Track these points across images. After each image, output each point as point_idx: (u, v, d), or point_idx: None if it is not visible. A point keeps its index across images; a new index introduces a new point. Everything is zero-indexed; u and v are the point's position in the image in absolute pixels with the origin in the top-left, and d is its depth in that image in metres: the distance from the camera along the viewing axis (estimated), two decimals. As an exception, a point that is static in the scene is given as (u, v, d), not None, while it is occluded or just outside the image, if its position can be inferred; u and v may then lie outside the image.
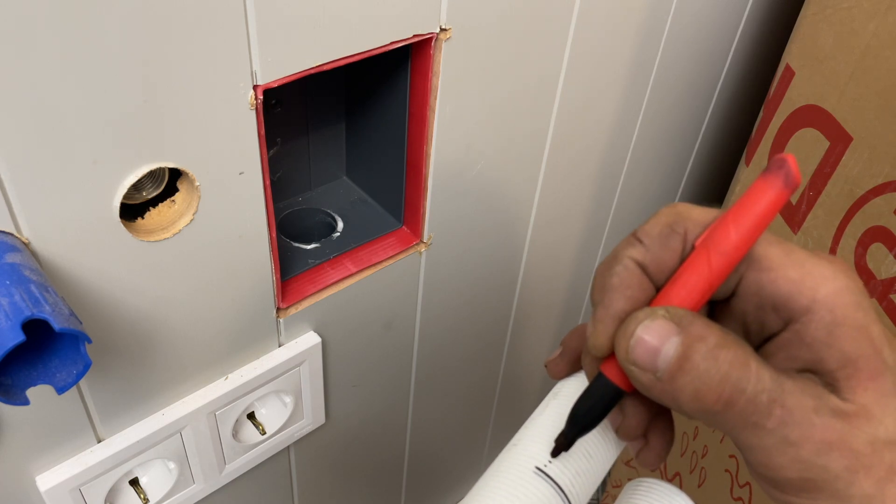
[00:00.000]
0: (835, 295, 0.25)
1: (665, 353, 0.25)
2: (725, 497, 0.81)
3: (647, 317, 0.25)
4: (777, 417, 0.24)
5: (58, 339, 0.37)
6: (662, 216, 0.28)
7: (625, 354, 0.26)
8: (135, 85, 0.38)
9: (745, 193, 0.26)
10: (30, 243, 0.40)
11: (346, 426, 0.72)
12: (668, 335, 0.25)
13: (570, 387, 0.31)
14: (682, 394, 0.25)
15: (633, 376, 0.26)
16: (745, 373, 0.24)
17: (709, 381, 0.24)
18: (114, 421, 0.51)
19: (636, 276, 0.27)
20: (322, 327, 0.60)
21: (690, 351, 0.24)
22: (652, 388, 0.25)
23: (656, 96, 0.76)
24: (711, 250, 0.26)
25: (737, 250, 0.26)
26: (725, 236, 0.26)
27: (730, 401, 0.24)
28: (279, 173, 0.62)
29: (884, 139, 0.60)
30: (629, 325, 0.26)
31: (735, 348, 0.25)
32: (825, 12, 0.66)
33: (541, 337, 0.93)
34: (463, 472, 1.03)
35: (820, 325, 0.25)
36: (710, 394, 0.24)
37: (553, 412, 0.30)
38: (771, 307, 0.26)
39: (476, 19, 0.52)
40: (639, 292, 0.27)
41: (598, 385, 0.28)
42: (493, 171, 0.64)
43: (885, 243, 0.61)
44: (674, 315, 0.25)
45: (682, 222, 0.27)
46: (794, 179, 0.25)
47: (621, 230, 0.89)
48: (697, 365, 0.24)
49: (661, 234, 0.27)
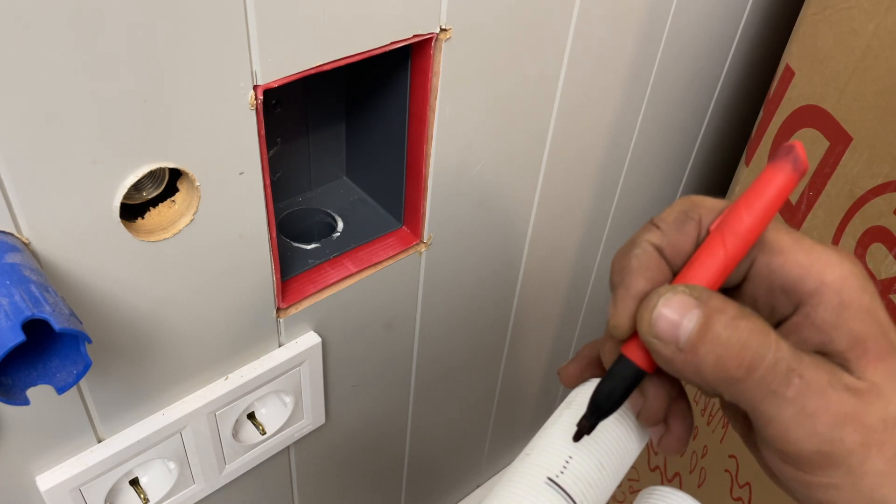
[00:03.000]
0: (842, 279, 0.26)
1: (686, 324, 0.26)
2: (725, 497, 0.81)
3: (668, 291, 0.26)
4: (796, 387, 0.25)
5: (58, 339, 0.37)
6: (677, 204, 0.29)
7: (647, 328, 0.27)
8: (135, 85, 0.38)
9: (756, 180, 0.27)
10: (30, 243, 0.40)
11: (346, 426, 0.72)
12: (688, 308, 0.26)
13: (583, 396, 0.31)
14: (705, 362, 0.26)
15: (654, 349, 0.27)
16: (765, 339, 0.25)
17: (730, 349, 0.25)
18: (114, 421, 0.51)
19: (654, 258, 0.28)
20: (322, 327, 0.60)
21: (711, 321, 0.25)
22: (674, 360, 0.26)
23: (656, 96, 0.76)
24: (726, 233, 0.27)
25: (750, 232, 0.27)
26: (739, 220, 0.27)
27: (751, 366, 0.25)
28: (279, 173, 0.62)
29: (884, 139, 0.61)
30: (651, 299, 0.27)
31: (754, 318, 0.26)
32: (825, 12, 0.66)
33: (541, 336, 0.93)
34: (463, 472, 1.03)
35: (829, 307, 0.26)
36: (732, 360, 0.25)
37: (566, 422, 0.30)
38: (781, 290, 0.28)
39: (476, 19, 0.52)
40: (657, 274, 0.28)
41: (619, 366, 0.29)
42: (493, 170, 0.64)
43: (885, 243, 0.61)
44: (693, 290, 0.26)
45: (697, 209, 0.29)
46: (803, 164, 0.27)
47: (621, 230, 0.89)
48: (719, 333, 0.25)
49: (676, 220, 0.29)
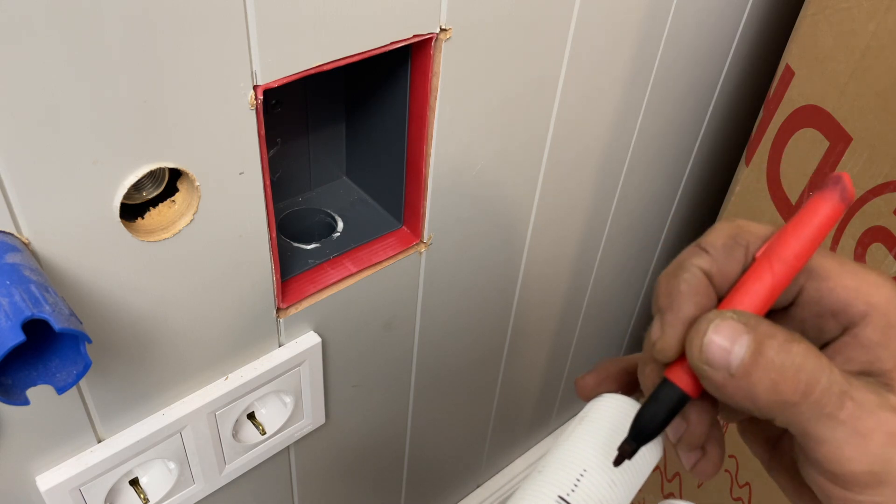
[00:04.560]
0: (887, 300, 0.27)
1: (737, 350, 0.26)
2: (725, 497, 0.81)
3: (717, 317, 0.27)
4: (849, 409, 0.25)
5: (58, 339, 0.37)
6: (725, 229, 0.29)
7: (698, 354, 0.27)
8: (135, 85, 0.38)
9: (803, 208, 0.28)
10: (30, 243, 0.40)
11: (346, 426, 0.72)
12: (738, 334, 0.26)
13: (595, 411, 0.31)
14: (759, 387, 0.26)
15: (705, 375, 0.27)
16: (818, 363, 0.26)
17: (785, 373, 0.25)
18: (114, 421, 0.51)
19: (703, 284, 0.28)
20: (322, 327, 0.60)
21: (763, 346, 0.26)
22: (725, 386, 0.26)
23: (656, 96, 0.76)
24: (774, 260, 0.28)
25: (797, 259, 0.27)
26: (786, 247, 0.28)
27: (806, 391, 0.25)
28: (279, 173, 0.62)
29: (884, 139, 0.61)
30: (700, 325, 0.27)
31: (804, 342, 0.26)
32: (825, 12, 0.66)
33: (541, 336, 0.93)
34: (463, 472, 1.03)
35: (876, 328, 0.27)
36: (788, 384, 0.25)
37: (578, 438, 0.30)
38: (830, 314, 0.28)
39: (476, 19, 0.52)
40: (705, 300, 0.28)
41: (663, 390, 0.29)
42: (493, 170, 0.64)
43: (885, 243, 0.61)
44: (741, 316, 0.27)
45: (744, 235, 0.29)
46: (850, 194, 0.27)
47: (621, 230, 0.89)
48: (772, 358, 0.26)
49: (725, 245, 0.29)
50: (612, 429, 0.30)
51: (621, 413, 0.30)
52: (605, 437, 0.30)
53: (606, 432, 0.30)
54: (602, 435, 0.30)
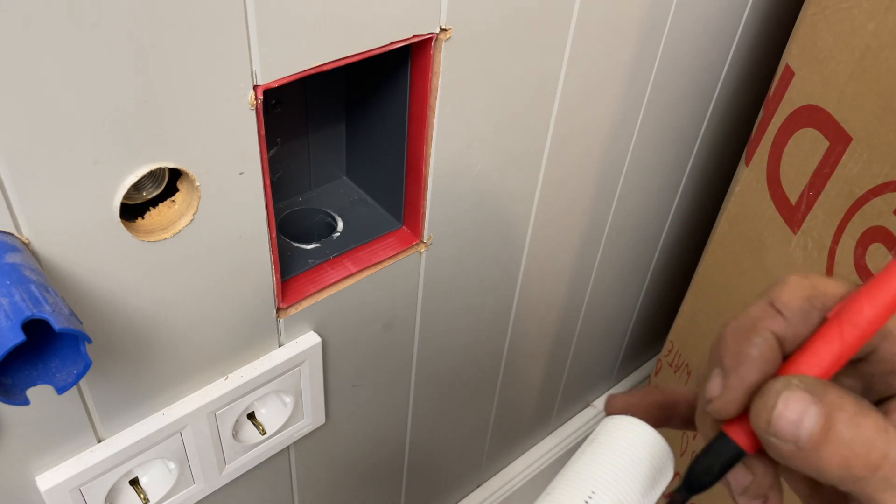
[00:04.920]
0: None
1: (807, 423, 0.25)
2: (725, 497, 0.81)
3: (785, 388, 0.26)
4: None
5: (58, 339, 0.37)
6: (800, 288, 0.28)
7: (766, 426, 0.26)
8: (135, 85, 0.38)
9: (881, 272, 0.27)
10: (30, 243, 0.40)
11: (347, 426, 0.72)
12: (807, 406, 0.25)
13: (606, 434, 0.31)
14: (828, 462, 0.25)
15: (771, 446, 0.26)
16: (886, 437, 0.25)
17: (856, 449, 0.25)
18: (114, 421, 0.51)
19: (775, 351, 0.28)
20: (322, 327, 0.60)
21: (832, 420, 0.25)
22: (793, 458, 0.26)
23: (656, 96, 0.76)
24: (844, 323, 0.27)
25: (870, 325, 0.27)
26: (859, 311, 0.27)
27: (876, 466, 0.25)
28: (279, 173, 0.62)
29: (883, 139, 0.61)
30: (768, 398, 0.26)
31: (873, 414, 0.26)
32: (825, 12, 0.66)
33: (541, 336, 0.93)
34: (463, 472, 1.03)
35: None
36: (858, 461, 0.25)
37: (587, 461, 0.30)
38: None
39: (476, 19, 0.52)
40: (773, 366, 0.28)
41: (719, 444, 0.28)
42: (493, 170, 0.64)
43: (885, 243, 0.61)
44: (808, 385, 0.26)
45: (821, 297, 0.28)
46: None
47: (621, 230, 0.89)
48: (842, 434, 0.25)
49: (801, 309, 0.28)
50: (621, 451, 0.30)
51: (631, 436, 0.30)
52: (614, 460, 0.30)
53: (616, 455, 0.30)
54: (611, 457, 0.30)
